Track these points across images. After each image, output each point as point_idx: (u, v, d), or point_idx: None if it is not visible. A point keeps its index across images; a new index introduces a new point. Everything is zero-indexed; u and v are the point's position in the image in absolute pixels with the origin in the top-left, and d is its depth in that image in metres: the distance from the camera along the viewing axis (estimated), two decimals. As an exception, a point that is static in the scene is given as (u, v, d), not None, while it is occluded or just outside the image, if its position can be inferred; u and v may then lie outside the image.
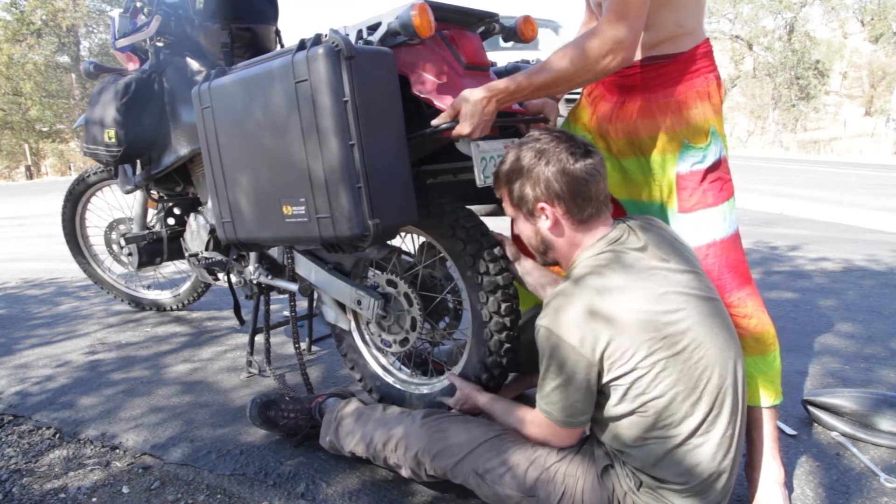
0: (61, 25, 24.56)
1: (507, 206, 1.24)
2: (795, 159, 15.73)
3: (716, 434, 1.06)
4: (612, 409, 1.08)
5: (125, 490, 1.51)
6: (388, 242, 1.51)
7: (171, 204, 2.50)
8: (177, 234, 2.53)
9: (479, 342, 1.49)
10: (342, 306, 1.80)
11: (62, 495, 1.48)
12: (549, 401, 1.13)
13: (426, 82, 1.36)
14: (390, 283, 1.61)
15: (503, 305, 1.44)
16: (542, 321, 1.10)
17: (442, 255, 1.57)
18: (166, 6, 1.95)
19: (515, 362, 1.53)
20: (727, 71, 28.91)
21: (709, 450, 1.06)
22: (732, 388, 1.09)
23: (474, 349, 1.51)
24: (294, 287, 1.86)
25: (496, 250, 1.46)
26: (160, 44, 1.98)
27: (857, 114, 27.49)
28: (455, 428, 1.29)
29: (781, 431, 1.68)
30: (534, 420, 1.21)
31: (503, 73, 1.66)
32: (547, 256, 1.24)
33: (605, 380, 1.06)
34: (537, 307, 1.65)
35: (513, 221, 1.27)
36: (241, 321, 2.18)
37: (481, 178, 1.35)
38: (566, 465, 1.17)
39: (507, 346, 1.46)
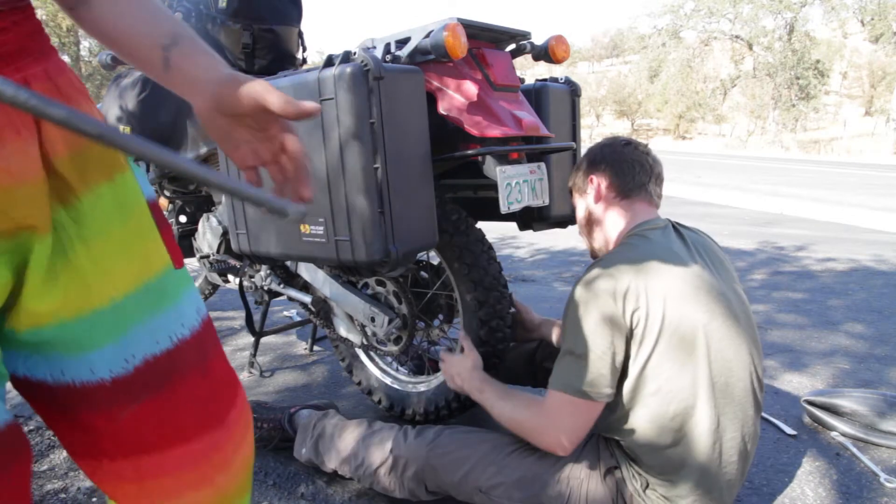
0: (61, 25, 24.59)
1: (575, 196, 1.35)
2: (795, 159, 15.73)
3: (728, 437, 1.07)
4: (627, 395, 1.08)
5: (126, 490, 1.51)
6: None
7: (182, 202, 2.49)
8: (188, 232, 2.52)
9: (470, 332, 1.51)
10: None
11: (62, 496, 1.48)
12: (568, 372, 1.09)
13: (454, 103, 1.35)
14: (379, 282, 1.62)
15: (492, 294, 1.46)
16: (579, 284, 1.12)
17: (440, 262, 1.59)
18: (187, 2, 1.93)
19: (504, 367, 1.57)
20: (727, 71, 28.91)
21: (720, 452, 1.07)
22: (751, 393, 1.10)
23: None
24: (306, 298, 1.85)
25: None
26: None
27: (857, 114, 27.50)
28: (454, 444, 1.26)
29: (782, 431, 1.68)
30: (546, 403, 1.14)
31: (531, 91, 1.63)
32: (593, 238, 1.30)
33: (629, 352, 1.07)
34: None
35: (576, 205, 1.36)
36: (254, 332, 2.16)
37: (505, 205, 1.34)
38: (570, 468, 1.16)
39: (498, 334, 1.49)
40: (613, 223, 1.24)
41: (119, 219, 0.59)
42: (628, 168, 1.22)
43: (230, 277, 2.19)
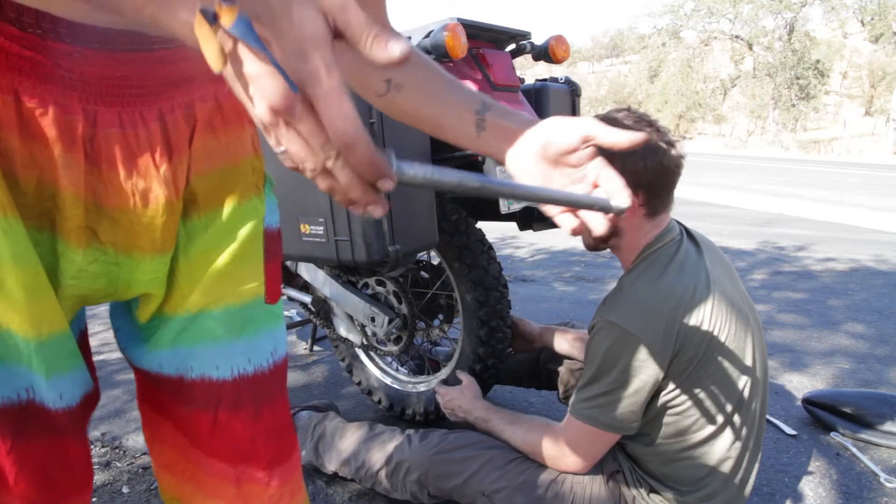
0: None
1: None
2: (795, 159, 15.74)
3: (744, 448, 1.07)
4: (649, 414, 1.07)
5: (125, 490, 1.51)
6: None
7: None
8: None
9: (470, 331, 1.51)
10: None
11: (63, 495, 1.49)
12: (594, 405, 1.05)
13: None
14: (379, 282, 1.62)
15: (492, 294, 1.47)
16: (609, 316, 1.03)
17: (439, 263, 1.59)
18: None
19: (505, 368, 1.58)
20: (727, 71, 28.91)
21: (734, 463, 1.07)
22: (761, 399, 1.10)
23: (466, 341, 1.54)
24: (306, 298, 1.86)
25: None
26: None
27: (857, 114, 27.50)
28: (458, 449, 1.25)
29: (782, 431, 1.68)
30: (566, 431, 1.11)
31: (531, 91, 1.63)
32: (606, 244, 1.15)
33: (665, 378, 1.03)
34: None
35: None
36: None
37: (505, 205, 1.35)
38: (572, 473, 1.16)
39: (498, 334, 1.49)
40: (635, 236, 1.12)
41: (226, 241, 0.60)
42: (668, 186, 1.08)
43: None
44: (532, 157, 0.58)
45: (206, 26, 0.34)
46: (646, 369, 1.01)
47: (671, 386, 1.04)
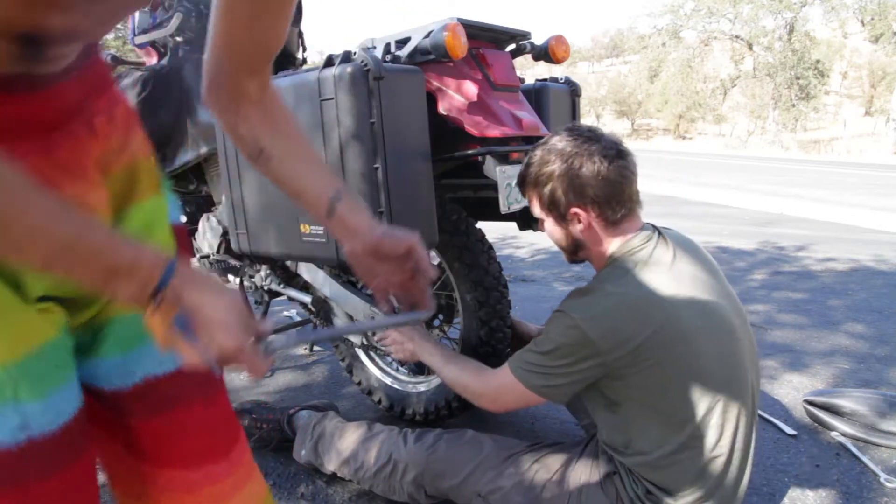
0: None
1: (535, 208, 1.20)
2: (795, 159, 15.73)
3: (732, 446, 1.07)
4: (627, 408, 1.08)
5: (126, 490, 1.51)
6: None
7: (182, 202, 2.49)
8: (188, 232, 2.51)
9: (470, 331, 1.51)
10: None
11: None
12: (535, 371, 1.11)
13: (454, 102, 1.35)
14: None
15: (492, 294, 1.47)
16: (569, 309, 1.07)
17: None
18: (188, 2, 1.93)
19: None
20: (727, 71, 28.91)
21: (724, 461, 1.06)
22: (751, 399, 1.10)
23: (466, 341, 1.54)
24: (307, 298, 1.86)
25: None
26: (180, 39, 1.96)
27: (857, 114, 27.47)
28: (453, 449, 1.26)
29: (782, 431, 1.68)
30: (498, 379, 1.18)
31: (531, 90, 1.63)
32: (576, 256, 1.21)
33: (623, 377, 1.05)
34: None
35: (540, 221, 1.23)
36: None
37: (505, 205, 1.35)
38: (569, 473, 1.16)
39: (498, 334, 1.49)
40: (600, 246, 1.15)
41: (145, 235, 0.63)
42: (618, 196, 1.10)
43: (230, 277, 2.19)
44: (366, 250, 0.72)
45: (155, 317, 0.48)
46: (586, 362, 1.05)
47: (634, 391, 1.05)
